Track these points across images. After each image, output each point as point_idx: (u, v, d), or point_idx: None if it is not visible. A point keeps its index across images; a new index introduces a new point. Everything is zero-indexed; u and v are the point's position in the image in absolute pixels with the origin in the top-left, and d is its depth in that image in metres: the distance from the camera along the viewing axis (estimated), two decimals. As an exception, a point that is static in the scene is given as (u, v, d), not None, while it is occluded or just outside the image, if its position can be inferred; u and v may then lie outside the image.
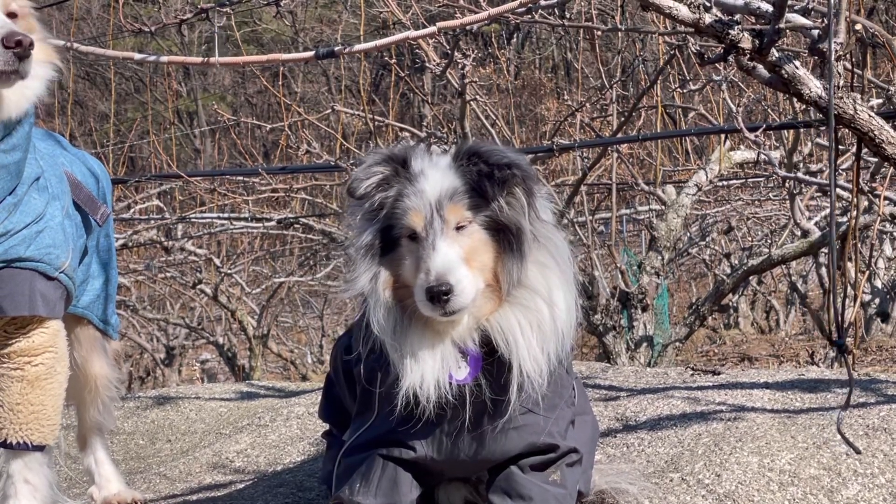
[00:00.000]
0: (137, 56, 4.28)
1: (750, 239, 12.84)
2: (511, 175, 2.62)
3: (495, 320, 2.66)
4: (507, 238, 2.64)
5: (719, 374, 4.96)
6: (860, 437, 3.65)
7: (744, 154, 9.30)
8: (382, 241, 2.70)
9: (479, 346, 2.69)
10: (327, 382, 3.35)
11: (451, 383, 2.66)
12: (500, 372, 2.69)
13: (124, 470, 4.35)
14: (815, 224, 8.75)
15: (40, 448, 3.19)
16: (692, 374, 4.97)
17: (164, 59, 4.56)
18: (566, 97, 10.30)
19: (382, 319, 2.67)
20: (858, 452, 3.39)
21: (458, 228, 2.63)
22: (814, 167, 8.76)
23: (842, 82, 3.51)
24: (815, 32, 3.52)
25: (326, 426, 3.38)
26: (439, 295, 2.53)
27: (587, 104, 8.84)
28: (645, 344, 8.67)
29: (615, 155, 8.90)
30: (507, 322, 2.66)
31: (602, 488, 3.29)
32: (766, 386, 4.47)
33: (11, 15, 3.07)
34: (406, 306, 2.68)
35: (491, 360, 2.70)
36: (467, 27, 5.28)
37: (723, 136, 8.87)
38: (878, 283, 12.34)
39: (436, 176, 2.67)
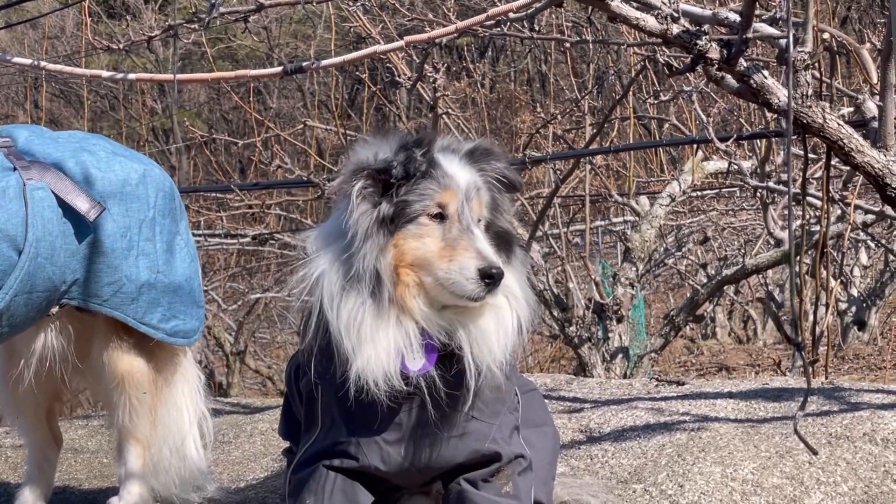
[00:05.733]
0: (106, 74, 4.26)
1: (725, 249, 12.86)
2: (518, 183, 2.76)
3: (466, 316, 2.63)
4: (496, 239, 2.69)
5: (683, 384, 4.96)
6: (822, 446, 3.65)
7: (716, 164, 9.32)
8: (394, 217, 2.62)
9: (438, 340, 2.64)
10: (286, 400, 3.32)
11: (408, 374, 2.61)
12: (452, 366, 2.65)
13: (86, 489, 4.29)
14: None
15: None
16: (657, 385, 4.96)
17: (133, 76, 4.53)
18: (539, 109, 10.32)
19: (365, 296, 2.56)
20: (815, 454, 3.38)
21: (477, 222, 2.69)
22: (786, 176, 8.77)
23: (810, 91, 3.51)
24: (783, 42, 3.52)
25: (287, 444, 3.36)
26: (494, 276, 2.55)
27: (559, 116, 8.84)
28: (620, 355, 8.66)
29: (588, 167, 8.88)
30: (480, 318, 2.64)
31: (564, 500, 3.28)
32: (730, 396, 4.46)
33: None
34: (398, 283, 2.60)
35: (445, 355, 2.65)
36: (436, 41, 5.28)
37: (696, 146, 8.87)
38: (854, 292, 12.38)
39: (455, 166, 2.69)
